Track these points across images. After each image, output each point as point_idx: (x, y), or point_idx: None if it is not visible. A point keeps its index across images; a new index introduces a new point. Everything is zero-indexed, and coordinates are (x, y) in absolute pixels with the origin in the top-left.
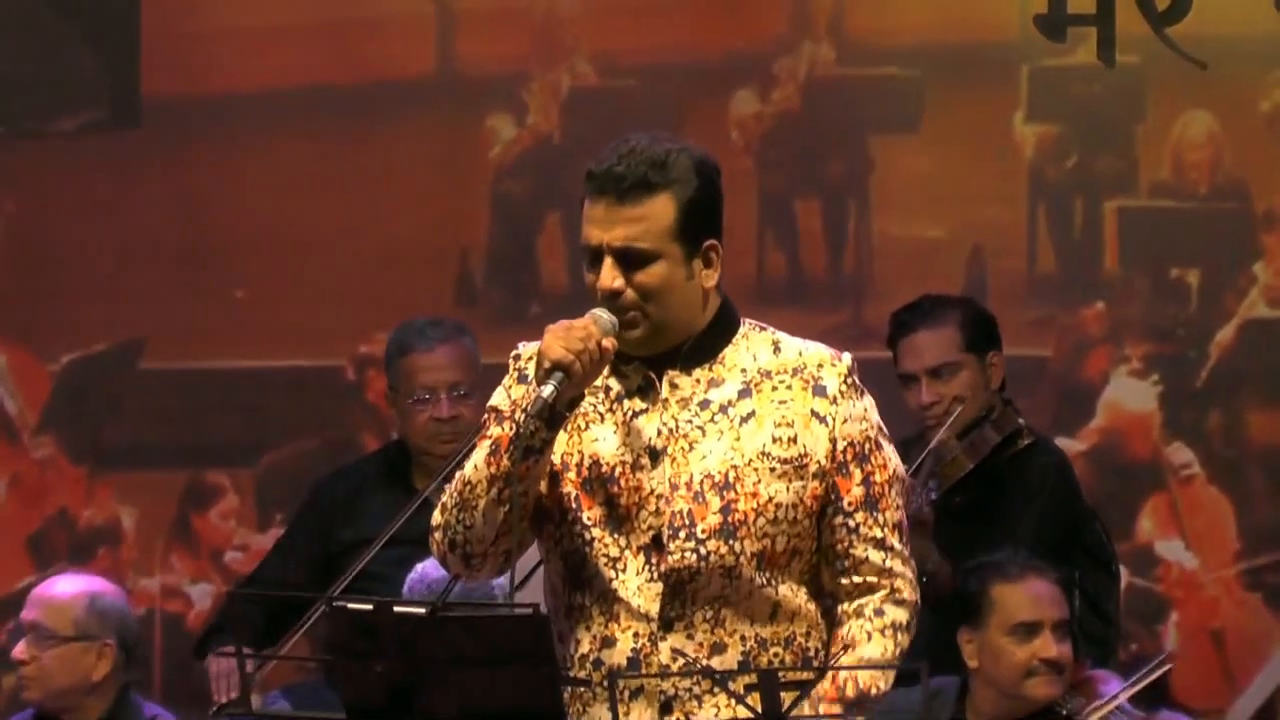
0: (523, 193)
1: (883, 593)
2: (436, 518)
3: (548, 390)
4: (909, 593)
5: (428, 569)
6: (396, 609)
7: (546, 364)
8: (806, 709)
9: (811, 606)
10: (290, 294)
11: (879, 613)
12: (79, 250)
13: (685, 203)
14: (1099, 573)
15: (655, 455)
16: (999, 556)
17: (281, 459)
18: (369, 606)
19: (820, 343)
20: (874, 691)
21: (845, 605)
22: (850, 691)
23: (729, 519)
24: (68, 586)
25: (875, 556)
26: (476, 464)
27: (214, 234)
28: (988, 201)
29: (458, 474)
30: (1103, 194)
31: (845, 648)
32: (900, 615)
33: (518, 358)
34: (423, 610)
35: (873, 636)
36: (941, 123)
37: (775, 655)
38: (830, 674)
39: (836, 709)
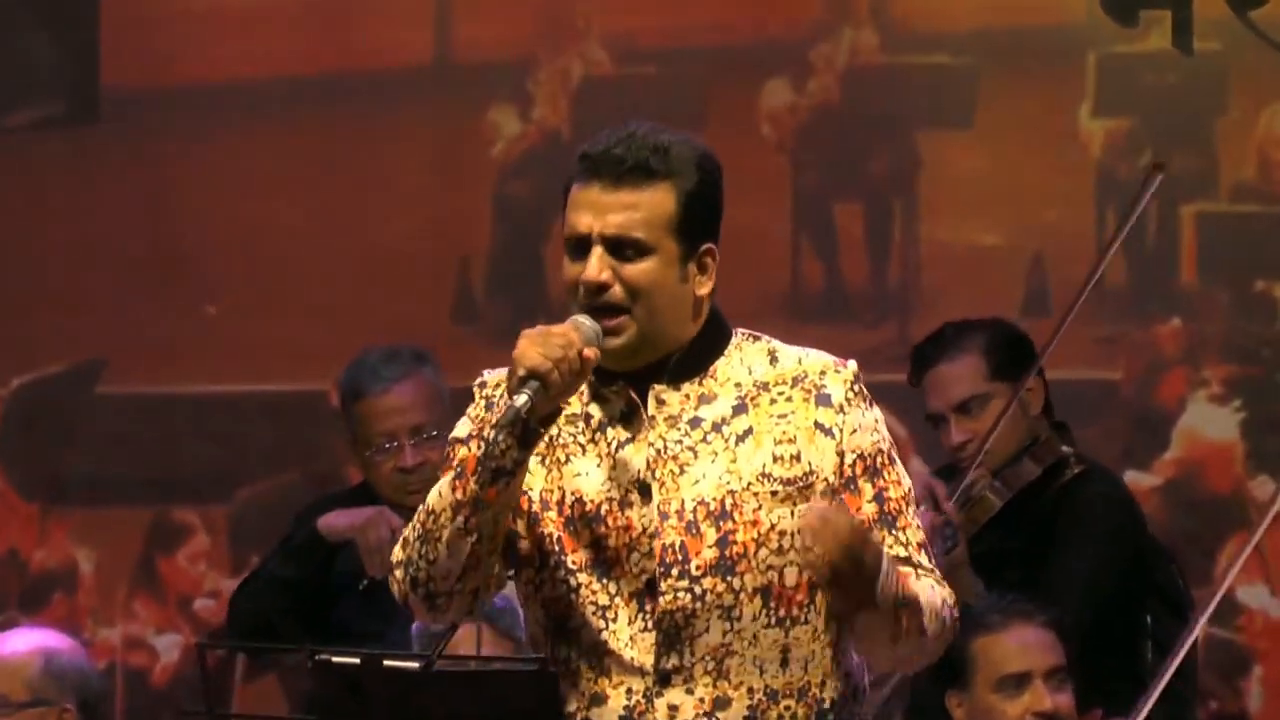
0: (528, 195)
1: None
2: (397, 553)
3: (521, 400)
4: (947, 592)
5: None
6: (387, 662)
7: (521, 372)
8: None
9: (827, 654)
10: (268, 309)
11: (920, 578)
12: (30, 260)
13: (686, 196)
14: (1174, 621)
15: (646, 490)
16: (979, 607)
17: (258, 494)
18: (356, 660)
19: (825, 352)
20: (922, 614)
21: None
22: (907, 589)
23: (726, 552)
24: (19, 644)
25: (903, 570)
26: (440, 490)
27: (182, 242)
28: (1050, 204)
29: (420, 505)
30: (1179, 197)
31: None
32: (944, 591)
33: (484, 385)
34: (415, 664)
35: (921, 580)
36: (998, 116)
37: (787, 709)
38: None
39: (907, 570)
